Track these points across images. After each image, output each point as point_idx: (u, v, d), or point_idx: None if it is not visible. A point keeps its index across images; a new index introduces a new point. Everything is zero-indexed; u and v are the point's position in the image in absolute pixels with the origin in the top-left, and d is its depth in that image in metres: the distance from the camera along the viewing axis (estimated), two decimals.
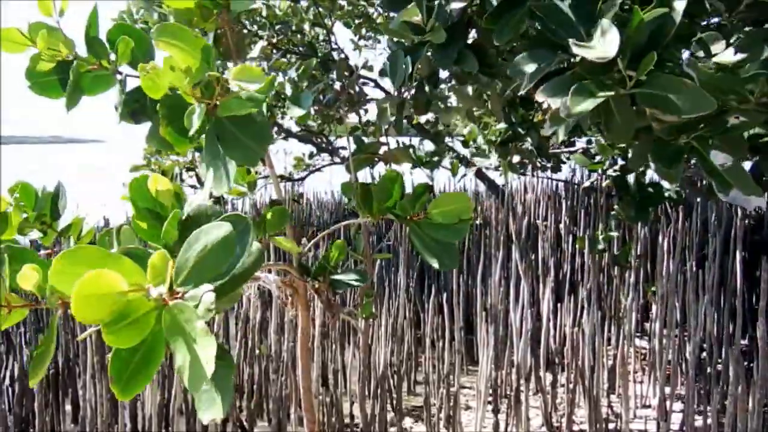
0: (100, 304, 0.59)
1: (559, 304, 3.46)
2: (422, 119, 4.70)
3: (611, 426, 2.87)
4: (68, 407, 3.09)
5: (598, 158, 3.20)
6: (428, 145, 4.71)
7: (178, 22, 1.21)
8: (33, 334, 3.68)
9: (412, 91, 1.71)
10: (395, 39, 1.45)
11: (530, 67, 0.98)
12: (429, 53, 1.40)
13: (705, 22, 1.49)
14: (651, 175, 2.47)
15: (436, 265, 1.20)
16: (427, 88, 1.66)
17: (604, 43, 0.88)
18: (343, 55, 4.56)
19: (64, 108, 1.13)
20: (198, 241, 0.67)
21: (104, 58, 1.11)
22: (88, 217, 1.49)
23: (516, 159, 2.76)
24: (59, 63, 1.10)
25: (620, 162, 2.74)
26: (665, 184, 2.17)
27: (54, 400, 2.88)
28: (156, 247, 0.79)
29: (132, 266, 0.62)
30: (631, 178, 2.32)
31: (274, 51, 3.89)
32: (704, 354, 3.15)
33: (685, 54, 1.14)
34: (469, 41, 1.53)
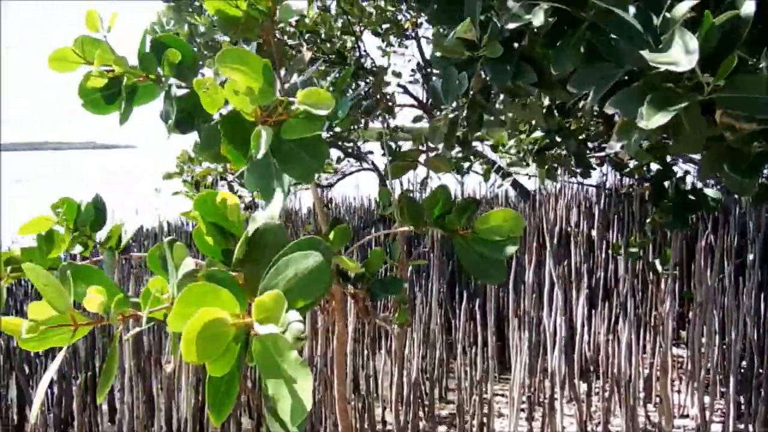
0: (213, 344, 0.60)
1: (592, 311, 3.41)
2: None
3: None
4: (105, 408, 3.14)
5: (632, 163, 3.16)
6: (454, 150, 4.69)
7: (223, 31, 1.23)
8: None
9: (462, 108, 1.70)
10: (441, 55, 1.43)
11: (592, 80, 0.96)
12: (482, 68, 1.38)
13: None
14: (691, 180, 2.43)
15: (482, 279, 1.18)
16: (480, 103, 1.64)
17: (684, 52, 0.85)
18: (369, 62, 4.58)
19: (109, 119, 1.15)
20: (288, 268, 0.67)
21: (152, 71, 1.13)
22: (124, 225, 1.51)
23: (553, 166, 2.74)
24: (109, 79, 1.12)
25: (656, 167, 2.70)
26: (707, 190, 2.12)
27: (92, 401, 2.93)
28: (220, 264, 0.80)
29: (228, 297, 0.63)
30: (667, 183, 2.28)
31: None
32: (744, 363, 3.08)
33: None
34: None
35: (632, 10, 0.98)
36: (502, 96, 1.93)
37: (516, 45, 1.40)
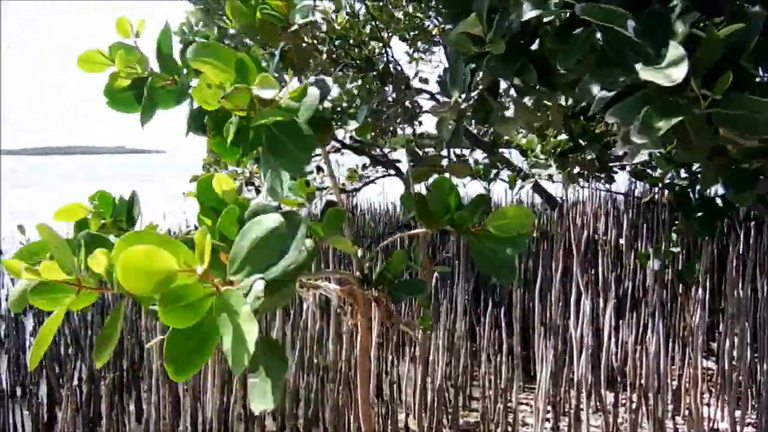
0: (148, 277, 0.63)
1: (620, 321, 3.36)
2: (475, 129, 4.68)
3: None
4: (132, 408, 3.18)
5: (657, 171, 3.12)
6: (479, 156, 4.67)
7: (246, 36, 1.25)
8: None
9: (469, 102, 1.70)
10: (455, 49, 1.44)
11: (597, 87, 0.96)
12: (490, 64, 1.39)
13: None
14: (717, 187, 2.39)
15: (494, 277, 1.19)
16: (488, 99, 1.64)
17: (673, 68, 0.86)
18: (398, 69, 4.59)
19: (138, 121, 1.18)
20: (251, 231, 0.71)
21: (176, 73, 1.15)
22: (158, 226, 1.54)
23: (575, 170, 2.71)
24: (134, 80, 1.15)
25: (681, 175, 2.66)
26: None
27: (119, 402, 2.97)
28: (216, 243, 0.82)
29: (186, 251, 0.66)
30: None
31: (333, 65, 3.95)
32: None
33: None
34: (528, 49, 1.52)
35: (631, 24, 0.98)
36: (514, 94, 1.92)
37: (524, 43, 1.40)
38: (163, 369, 2.71)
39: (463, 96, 1.56)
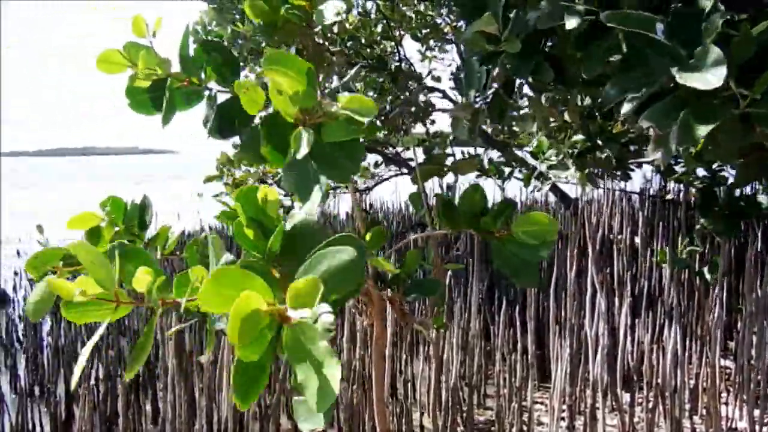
0: (252, 326, 0.62)
1: (636, 320, 3.33)
2: (489, 128, 4.65)
3: None
4: (148, 407, 3.21)
5: (679, 169, 3.09)
6: (493, 155, 4.65)
7: (264, 35, 1.25)
8: (115, 336, 3.85)
9: (485, 100, 1.69)
10: (470, 48, 1.43)
11: (628, 88, 0.95)
12: (505, 62, 1.38)
13: None
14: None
15: (517, 282, 1.19)
16: (503, 97, 1.63)
17: (713, 70, 0.84)
18: (410, 67, 4.58)
19: (160, 123, 1.18)
20: (320, 263, 0.68)
21: (195, 75, 1.15)
22: (171, 228, 1.54)
23: (593, 171, 2.69)
24: (154, 81, 1.15)
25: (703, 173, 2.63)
26: (761, 197, 2.05)
27: (135, 400, 2.99)
28: (258, 257, 0.81)
29: (262, 285, 0.64)
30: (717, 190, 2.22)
31: (349, 65, 3.95)
32: None
33: None
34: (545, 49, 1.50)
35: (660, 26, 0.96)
36: (528, 92, 1.91)
37: (539, 42, 1.38)
38: (179, 368, 2.73)
39: (479, 95, 1.56)
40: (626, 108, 0.94)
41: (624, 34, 0.98)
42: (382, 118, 4.11)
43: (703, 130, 0.84)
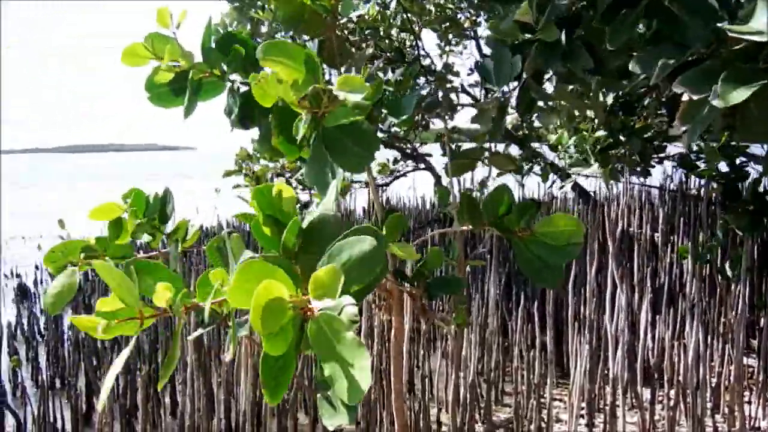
0: (275, 314, 0.61)
1: (656, 317, 3.29)
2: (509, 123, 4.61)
3: None
4: (167, 401, 3.23)
5: (701, 164, 3.04)
6: (514, 149, 4.61)
7: (287, 27, 1.24)
8: None
9: (512, 92, 1.65)
10: (500, 38, 1.40)
11: (656, 61, 0.92)
12: (539, 51, 1.35)
13: None
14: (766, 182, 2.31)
15: (538, 282, 1.16)
16: (532, 88, 1.59)
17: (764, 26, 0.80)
18: (428, 61, 4.55)
19: (177, 123, 1.17)
20: (341, 254, 0.67)
21: (217, 66, 1.15)
22: (191, 221, 1.55)
23: (616, 166, 2.66)
24: (176, 74, 1.14)
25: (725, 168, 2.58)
26: None
27: (155, 393, 3.02)
28: (276, 254, 0.81)
29: (284, 277, 0.64)
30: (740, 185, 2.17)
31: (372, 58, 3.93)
32: None
33: None
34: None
35: None
36: (555, 83, 1.87)
37: (568, 29, 1.35)
38: (197, 363, 2.74)
39: (509, 86, 1.51)
40: (659, 72, 0.91)
41: (651, 3, 0.95)
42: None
43: (741, 94, 0.81)
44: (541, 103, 1.80)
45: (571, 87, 1.81)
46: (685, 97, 0.89)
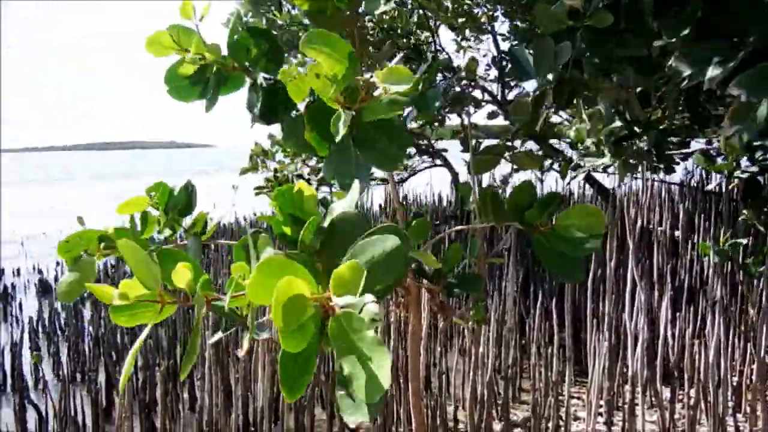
0: (296, 311, 0.60)
1: (677, 314, 3.25)
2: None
3: None
4: (186, 396, 3.26)
5: (721, 159, 2.99)
6: (529, 146, 4.57)
7: (312, 23, 1.23)
8: (153, 326, 3.92)
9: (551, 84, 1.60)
10: (543, 26, 1.36)
11: (705, 58, 0.88)
12: (586, 37, 1.30)
13: None
14: None
15: (561, 277, 1.15)
16: (573, 78, 1.54)
17: None
18: (445, 56, 4.53)
19: (203, 109, 1.17)
20: (364, 252, 0.67)
21: (243, 61, 1.14)
22: (209, 214, 1.55)
23: (630, 159, 2.61)
24: (199, 67, 1.13)
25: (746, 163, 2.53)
26: None
27: (173, 389, 3.04)
28: (297, 253, 0.80)
29: (305, 273, 0.63)
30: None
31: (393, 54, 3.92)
32: None
33: None
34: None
35: None
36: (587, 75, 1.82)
37: (617, 20, 1.31)
38: (215, 358, 2.76)
39: (550, 77, 1.45)
40: (712, 73, 0.87)
41: None
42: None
43: None
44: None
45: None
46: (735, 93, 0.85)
